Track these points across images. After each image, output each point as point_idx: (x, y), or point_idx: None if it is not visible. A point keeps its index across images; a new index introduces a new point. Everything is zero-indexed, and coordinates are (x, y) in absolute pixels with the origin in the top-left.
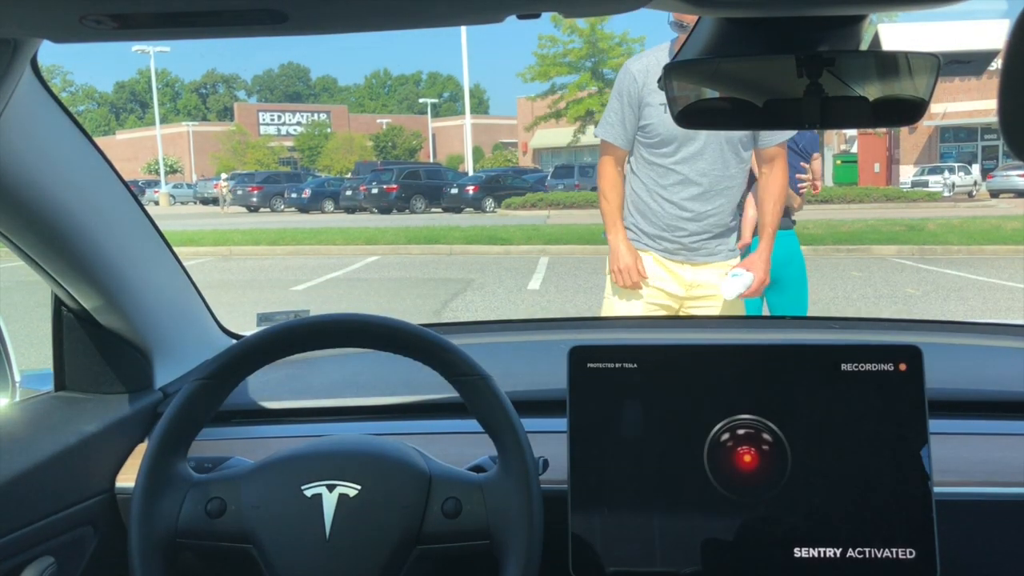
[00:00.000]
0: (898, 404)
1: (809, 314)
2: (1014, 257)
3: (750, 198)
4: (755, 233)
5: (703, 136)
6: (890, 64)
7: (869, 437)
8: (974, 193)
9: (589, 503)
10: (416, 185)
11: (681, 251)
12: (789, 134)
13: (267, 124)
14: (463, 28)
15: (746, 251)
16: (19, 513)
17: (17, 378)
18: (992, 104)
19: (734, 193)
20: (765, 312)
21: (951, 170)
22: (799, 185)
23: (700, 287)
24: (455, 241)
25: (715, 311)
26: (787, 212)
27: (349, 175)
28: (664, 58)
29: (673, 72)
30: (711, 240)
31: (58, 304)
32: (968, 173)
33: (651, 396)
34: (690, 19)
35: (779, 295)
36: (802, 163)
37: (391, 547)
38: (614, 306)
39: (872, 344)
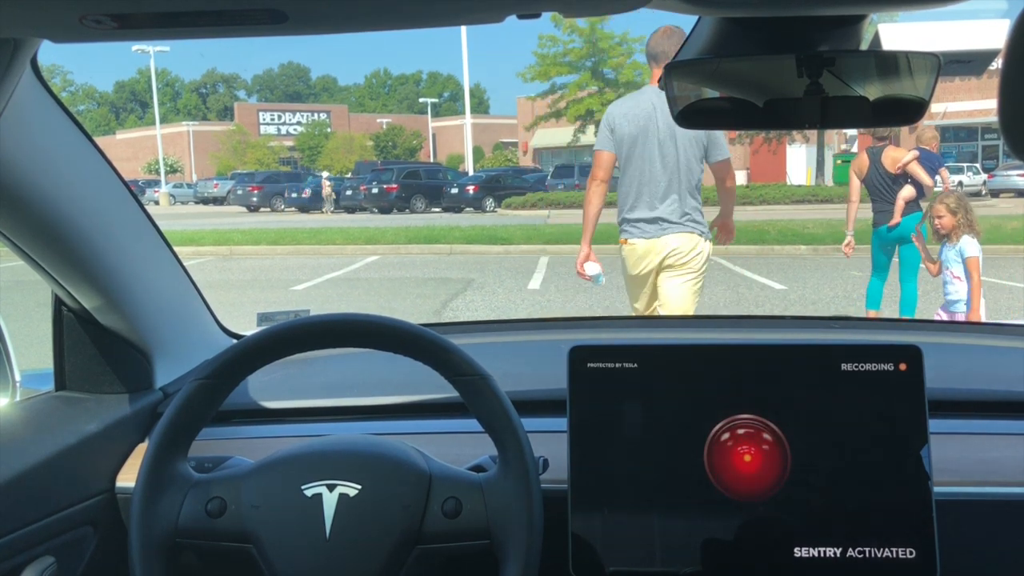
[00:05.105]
0: (898, 404)
1: (811, 313)
2: (1014, 257)
3: (906, 190)
4: (903, 213)
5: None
6: (890, 64)
7: (869, 437)
8: (983, 192)
9: (589, 503)
10: (416, 185)
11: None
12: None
13: (267, 124)
14: (463, 28)
15: (896, 227)
16: (19, 513)
17: (17, 378)
18: (992, 104)
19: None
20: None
21: (959, 170)
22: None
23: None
24: (455, 241)
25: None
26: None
27: (349, 175)
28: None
29: (673, 72)
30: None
31: (58, 304)
32: (977, 173)
33: (651, 396)
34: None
35: (914, 253)
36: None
37: (391, 547)
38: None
39: (872, 344)
